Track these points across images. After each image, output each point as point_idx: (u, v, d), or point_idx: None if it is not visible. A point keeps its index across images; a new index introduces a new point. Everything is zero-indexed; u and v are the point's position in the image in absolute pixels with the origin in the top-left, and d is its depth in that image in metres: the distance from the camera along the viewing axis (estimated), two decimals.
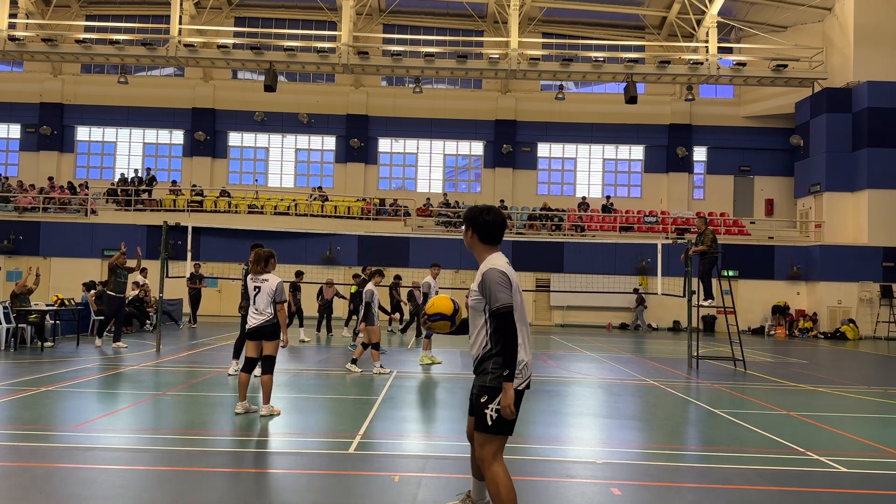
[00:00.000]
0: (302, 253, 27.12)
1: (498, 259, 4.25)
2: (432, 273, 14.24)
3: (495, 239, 4.35)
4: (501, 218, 4.37)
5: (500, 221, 4.36)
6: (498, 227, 4.35)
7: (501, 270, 4.12)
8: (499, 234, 4.36)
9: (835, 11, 29.41)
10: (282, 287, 8.29)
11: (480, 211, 4.36)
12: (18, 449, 6.55)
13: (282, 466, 6.30)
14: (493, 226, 4.32)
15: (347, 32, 28.51)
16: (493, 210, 4.37)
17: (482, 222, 4.31)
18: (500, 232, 4.36)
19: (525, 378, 4.17)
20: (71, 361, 12.75)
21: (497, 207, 4.43)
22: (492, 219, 4.32)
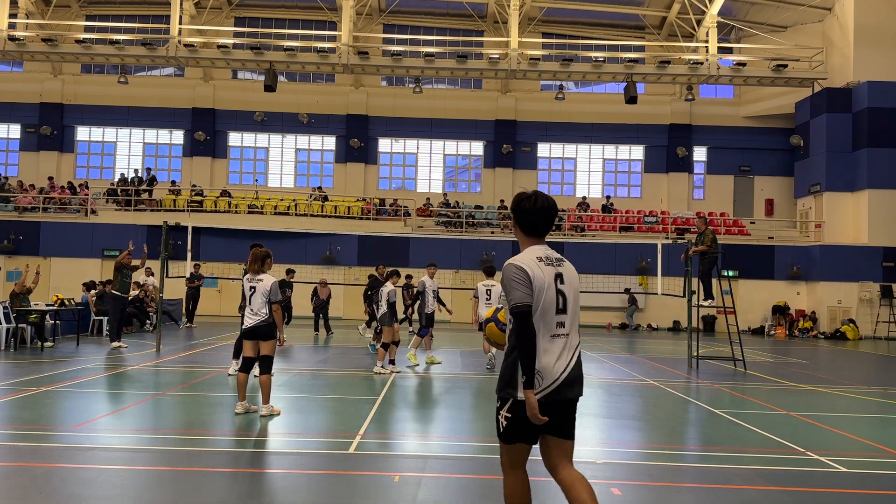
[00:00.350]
0: (302, 253, 27.12)
1: (526, 254, 3.77)
2: (429, 273, 14.24)
3: (537, 230, 3.82)
4: (546, 205, 3.81)
5: (544, 209, 3.80)
6: (539, 216, 3.80)
7: (519, 266, 3.67)
8: (541, 223, 3.81)
9: (835, 11, 29.41)
10: (276, 287, 8.30)
11: (522, 197, 3.86)
12: (18, 449, 6.55)
13: (282, 466, 6.30)
14: (533, 214, 3.80)
15: (347, 32, 28.51)
16: (537, 196, 3.83)
17: (523, 210, 3.82)
18: (542, 221, 3.81)
19: (542, 388, 3.62)
20: (71, 361, 12.75)
21: (544, 193, 3.86)
22: (532, 206, 3.80)
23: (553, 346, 3.68)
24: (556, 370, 3.65)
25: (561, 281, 3.73)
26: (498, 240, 28.63)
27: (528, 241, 3.84)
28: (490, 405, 9.60)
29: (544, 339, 3.65)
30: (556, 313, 3.68)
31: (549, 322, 3.67)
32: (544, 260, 3.73)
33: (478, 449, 7.06)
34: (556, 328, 3.69)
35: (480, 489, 5.65)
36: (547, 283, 3.67)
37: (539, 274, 3.66)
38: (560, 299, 3.70)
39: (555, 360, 3.66)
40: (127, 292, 15.76)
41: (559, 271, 3.75)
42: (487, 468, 6.31)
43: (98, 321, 18.57)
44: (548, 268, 3.71)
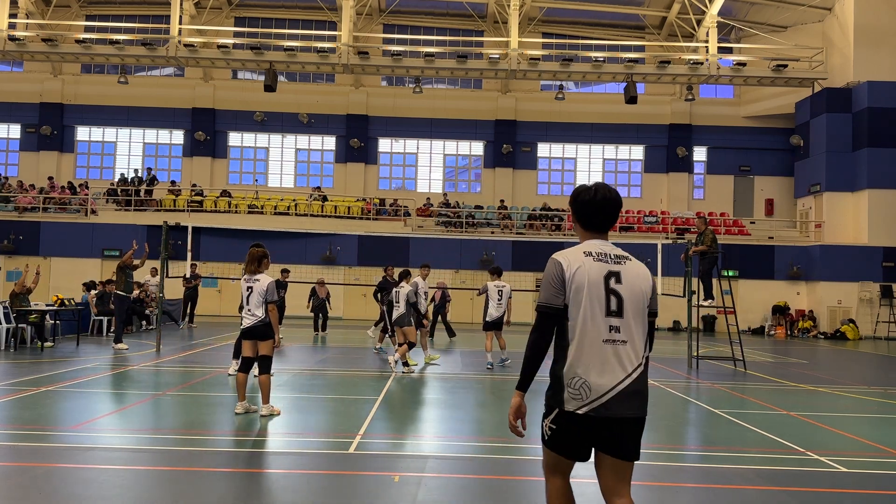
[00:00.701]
0: (302, 253, 27.13)
1: (575, 248, 3.44)
2: (422, 273, 14.21)
3: (596, 224, 3.48)
4: (607, 197, 3.46)
5: (605, 201, 3.45)
6: (596, 210, 3.45)
7: (556, 259, 3.38)
8: (600, 217, 3.46)
9: (835, 11, 29.41)
10: (273, 287, 8.29)
11: (581, 189, 3.52)
12: (18, 449, 6.55)
13: (282, 466, 6.30)
14: (591, 207, 3.45)
15: (347, 32, 28.51)
16: (597, 188, 3.48)
17: (581, 203, 3.49)
18: (601, 215, 3.46)
19: (587, 401, 3.26)
20: (71, 361, 12.75)
21: (606, 185, 3.53)
22: (592, 198, 3.45)
23: (602, 354, 3.27)
24: (605, 382, 3.25)
25: (616, 280, 3.33)
26: (498, 240, 28.63)
27: (585, 237, 3.53)
28: (490, 404, 9.61)
29: (591, 345, 3.27)
30: (607, 315, 3.29)
31: (597, 325, 3.28)
32: (595, 255, 3.38)
33: (478, 449, 7.07)
34: (609, 333, 3.28)
35: (480, 489, 5.65)
36: (591, 280, 3.30)
37: (581, 270, 3.32)
38: (612, 300, 3.30)
39: (604, 369, 3.26)
40: (130, 292, 15.77)
41: (614, 269, 3.36)
42: (487, 468, 6.31)
43: (98, 321, 18.57)
44: (597, 264, 3.35)
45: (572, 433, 3.33)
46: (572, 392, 3.27)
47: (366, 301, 27.94)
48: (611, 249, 3.45)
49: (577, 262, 3.34)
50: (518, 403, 3.49)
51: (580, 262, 3.34)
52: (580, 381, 3.27)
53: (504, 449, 7.02)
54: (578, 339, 3.27)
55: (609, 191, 3.48)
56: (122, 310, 15.40)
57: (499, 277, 13.58)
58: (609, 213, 3.47)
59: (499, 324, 13.45)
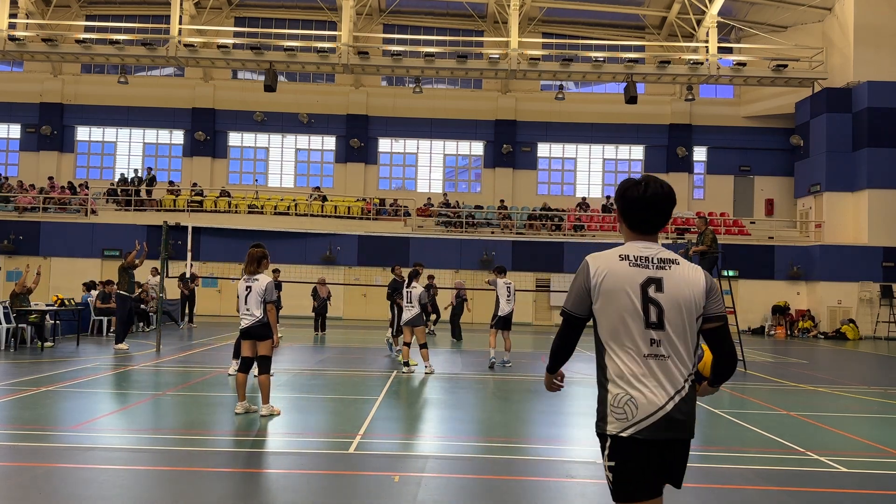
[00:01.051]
0: (302, 253, 27.14)
1: (613, 250, 3.08)
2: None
3: (645, 224, 3.08)
4: (659, 193, 3.04)
5: (656, 198, 3.04)
6: (645, 207, 3.04)
7: (586, 265, 3.04)
8: (649, 216, 3.06)
9: (835, 11, 29.41)
10: (272, 287, 8.28)
11: (629, 184, 3.10)
12: (18, 449, 6.55)
13: (282, 466, 6.30)
14: (638, 204, 3.05)
15: (347, 32, 28.51)
16: (647, 182, 3.06)
17: (628, 199, 3.08)
18: (651, 213, 3.05)
19: (633, 422, 2.91)
20: (71, 361, 12.75)
21: (657, 178, 3.11)
22: (641, 194, 3.04)
23: (645, 370, 2.92)
24: (654, 401, 2.90)
25: (657, 288, 2.95)
26: (498, 240, 28.64)
27: (630, 237, 3.13)
28: (490, 404, 9.60)
29: (632, 360, 2.93)
30: (647, 327, 2.92)
31: (634, 338, 2.93)
32: (633, 259, 3.00)
33: (478, 449, 7.06)
34: (650, 346, 2.92)
35: (480, 489, 5.65)
36: (625, 288, 2.94)
37: (611, 276, 2.96)
38: (651, 310, 2.93)
39: (647, 386, 2.91)
40: (133, 292, 15.77)
41: (655, 275, 2.97)
42: (487, 468, 6.31)
43: (98, 321, 18.57)
44: (633, 269, 2.97)
45: (639, 463, 2.93)
46: (616, 411, 2.93)
47: (366, 301, 27.96)
48: (654, 252, 3.04)
49: (609, 266, 2.98)
50: (548, 377, 3.34)
51: (612, 268, 2.98)
52: (625, 398, 2.92)
53: (504, 449, 7.02)
54: (617, 353, 2.95)
55: (660, 185, 3.06)
56: (124, 310, 15.38)
57: (504, 275, 13.69)
58: (660, 211, 3.05)
59: (509, 321, 13.53)
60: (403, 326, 12.82)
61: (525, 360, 14.77)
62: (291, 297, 24.35)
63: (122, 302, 15.34)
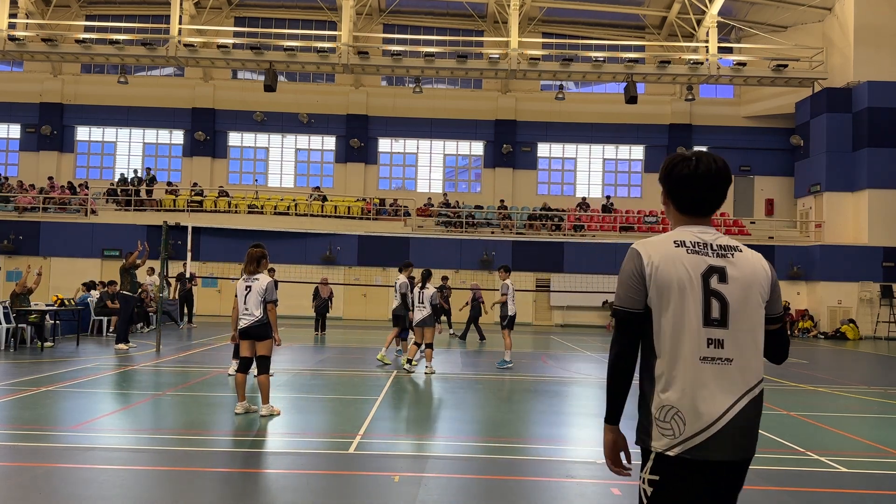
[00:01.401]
0: (302, 253, 27.14)
1: (664, 236, 2.67)
2: (405, 273, 13.87)
3: (696, 205, 2.68)
4: (711, 169, 2.64)
5: (708, 175, 2.64)
6: (698, 186, 2.65)
7: (635, 253, 2.61)
8: (702, 196, 2.66)
9: (835, 11, 29.41)
10: (272, 287, 8.27)
11: (677, 160, 2.71)
12: (18, 449, 6.55)
13: (282, 466, 6.30)
14: (688, 183, 2.65)
15: (347, 32, 28.51)
16: (698, 158, 2.66)
17: (677, 178, 2.68)
18: (704, 192, 2.65)
19: (681, 438, 2.49)
20: (71, 361, 12.75)
21: (709, 153, 2.69)
22: (693, 171, 2.64)
23: (699, 376, 2.49)
24: (708, 413, 2.47)
25: (720, 278, 2.55)
26: (498, 240, 28.64)
27: (679, 222, 2.72)
28: (490, 403, 9.60)
29: (684, 364, 2.51)
30: (706, 325, 2.51)
31: (692, 338, 2.51)
32: (691, 246, 2.59)
33: (478, 449, 7.06)
34: (708, 348, 2.50)
35: (480, 489, 5.65)
36: (683, 277, 2.53)
37: (668, 265, 2.54)
38: (714, 305, 2.53)
39: (701, 396, 2.48)
40: (136, 292, 15.78)
41: (717, 263, 2.57)
42: (487, 468, 6.31)
43: (98, 321, 18.57)
44: (692, 257, 2.56)
45: (685, 486, 2.51)
46: (661, 425, 2.51)
47: (366, 301, 27.97)
48: (713, 237, 2.64)
49: (663, 254, 2.57)
50: (612, 440, 2.69)
51: (667, 255, 2.56)
52: (671, 412, 2.50)
53: (504, 449, 7.02)
54: (667, 356, 2.53)
55: (714, 160, 2.65)
56: (126, 310, 15.37)
57: (509, 275, 13.80)
58: (715, 189, 2.64)
59: (514, 321, 13.64)
60: (414, 327, 12.77)
61: (525, 360, 14.77)
62: (291, 296, 24.37)
63: (125, 302, 15.35)
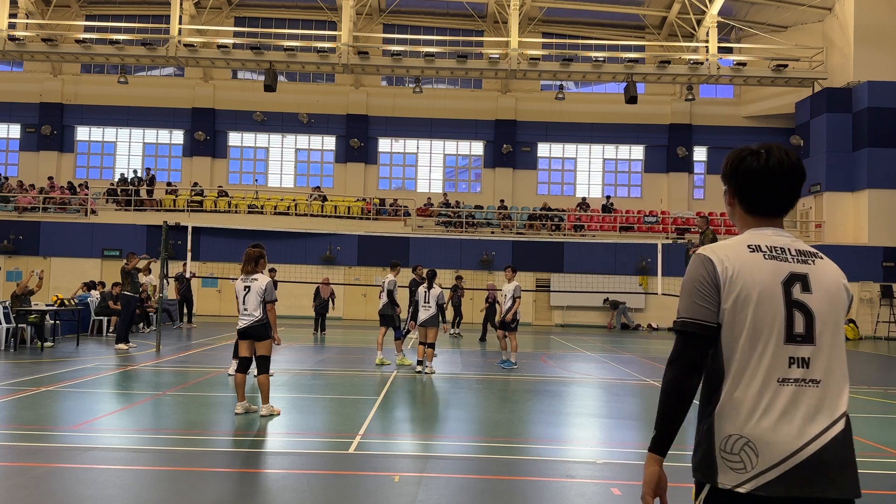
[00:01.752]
0: (302, 253, 27.13)
1: (735, 240, 2.31)
2: (394, 273, 13.83)
3: (768, 204, 2.34)
4: (783, 164, 2.30)
5: (778, 170, 2.29)
6: (770, 182, 2.30)
7: (705, 257, 2.26)
8: (774, 193, 2.31)
9: (835, 11, 29.41)
10: (271, 287, 8.28)
11: (744, 154, 2.35)
12: (18, 449, 6.55)
13: (282, 466, 6.29)
14: (759, 179, 2.31)
15: (347, 32, 28.51)
16: (769, 151, 2.32)
17: (745, 173, 2.33)
18: (773, 190, 2.31)
19: (755, 472, 2.11)
20: (71, 361, 12.75)
21: (780, 146, 2.35)
22: (763, 165, 2.30)
23: (780, 400, 2.14)
24: (786, 443, 2.10)
25: (804, 287, 2.20)
26: (498, 240, 28.63)
27: (748, 224, 2.38)
28: (490, 403, 9.60)
29: (760, 386, 2.15)
30: (788, 342, 2.16)
31: (770, 356, 2.16)
32: (767, 251, 2.25)
33: (478, 449, 7.06)
34: (789, 368, 2.15)
35: (480, 489, 5.65)
36: (762, 287, 2.18)
37: (745, 270, 2.20)
38: (797, 318, 2.18)
39: (781, 422, 2.12)
40: (138, 292, 15.79)
41: (799, 270, 2.23)
42: (487, 468, 6.31)
43: (98, 321, 18.57)
44: (771, 263, 2.23)
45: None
46: (729, 458, 2.17)
47: (366, 301, 27.96)
48: (790, 242, 2.31)
49: (738, 259, 2.23)
50: (656, 474, 2.41)
51: (743, 261, 2.22)
52: (741, 442, 2.14)
53: (504, 449, 7.02)
54: (738, 376, 2.19)
55: (785, 153, 2.32)
56: (127, 310, 15.36)
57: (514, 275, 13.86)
58: (788, 186, 2.31)
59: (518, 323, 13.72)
60: (419, 326, 12.74)
61: (525, 361, 14.77)
62: (291, 296, 24.40)
63: (127, 303, 15.36)
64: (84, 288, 19.81)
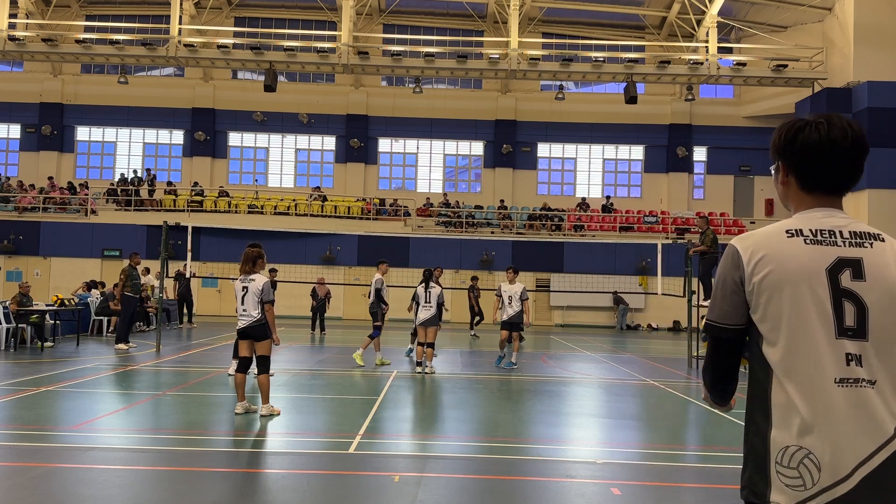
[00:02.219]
0: (302, 253, 27.13)
1: (771, 228, 2.07)
2: (381, 271, 13.69)
3: (826, 180, 2.07)
4: (846, 136, 2.03)
5: (840, 143, 2.02)
6: (827, 155, 2.03)
7: (733, 250, 2.06)
8: (830, 168, 2.05)
9: (835, 11, 29.40)
10: (269, 287, 8.30)
11: (799, 125, 2.09)
12: (18, 449, 6.55)
13: (282, 466, 6.30)
14: (816, 151, 2.05)
15: (347, 32, 28.50)
16: (829, 122, 2.05)
17: (800, 145, 2.07)
18: (831, 163, 2.04)
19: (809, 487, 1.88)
20: (71, 361, 12.75)
21: (839, 117, 2.07)
22: (824, 136, 2.03)
23: (838, 403, 1.89)
24: (846, 454, 1.86)
25: (855, 274, 1.95)
26: (498, 240, 28.63)
27: (803, 203, 2.11)
28: (490, 403, 9.60)
29: (813, 389, 1.90)
30: (840, 336, 1.92)
31: (820, 354, 1.91)
32: (809, 234, 2.01)
33: (478, 449, 7.06)
34: (846, 366, 1.90)
35: (480, 489, 5.65)
36: (801, 275, 1.95)
37: (780, 258, 1.97)
38: (847, 308, 1.93)
39: (840, 431, 1.87)
40: (138, 292, 15.78)
41: (849, 255, 1.98)
42: (487, 468, 6.31)
43: (98, 321, 18.57)
44: (812, 248, 1.98)
45: None
46: (785, 473, 1.92)
47: (366, 301, 27.92)
48: (843, 222, 2.04)
49: (769, 247, 2.00)
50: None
51: (776, 249, 1.99)
52: (799, 454, 1.90)
53: (504, 449, 7.02)
54: (787, 377, 1.94)
55: (847, 124, 2.05)
56: (127, 310, 15.36)
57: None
58: (852, 160, 2.05)
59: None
60: (419, 326, 12.70)
61: (525, 360, 14.77)
62: (291, 296, 24.39)
63: (127, 303, 15.37)
64: (84, 287, 19.81)
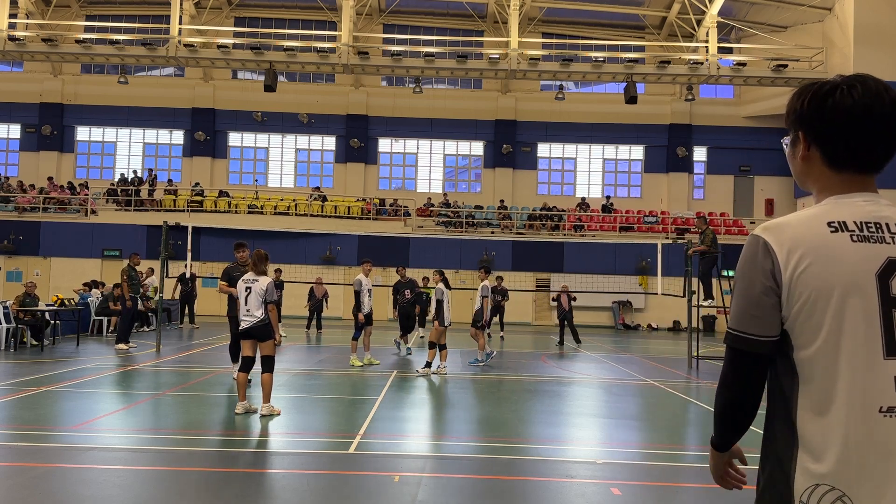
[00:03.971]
0: (302, 253, 27.13)
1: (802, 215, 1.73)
2: (364, 270, 13.55)
3: (858, 155, 1.75)
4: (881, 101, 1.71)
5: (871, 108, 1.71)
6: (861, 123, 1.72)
7: (761, 242, 1.70)
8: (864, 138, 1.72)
9: (835, 11, 29.41)
10: (272, 287, 8.32)
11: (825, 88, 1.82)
12: (18, 449, 6.55)
13: (282, 466, 6.30)
14: (845, 118, 1.74)
15: (347, 32, 28.49)
16: (860, 83, 1.75)
17: (829, 110, 1.77)
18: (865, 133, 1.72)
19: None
20: (71, 361, 12.75)
21: (871, 78, 1.77)
22: (852, 103, 1.73)
23: (881, 436, 1.59)
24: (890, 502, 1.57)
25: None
26: (498, 240, 28.63)
27: (830, 184, 1.79)
28: (490, 403, 9.59)
29: (855, 418, 1.60)
30: (890, 355, 1.61)
31: (868, 377, 1.60)
32: (857, 229, 1.67)
33: (478, 449, 7.06)
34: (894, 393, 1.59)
35: (480, 489, 5.65)
36: (848, 282, 1.62)
37: (823, 262, 1.64)
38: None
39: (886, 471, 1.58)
40: (138, 292, 15.79)
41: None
42: (487, 468, 6.31)
43: (98, 321, 18.57)
44: (861, 247, 1.65)
45: None
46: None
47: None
48: (889, 212, 1.71)
49: (813, 244, 1.65)
50: (716, 460, 2.13)
51: (820, 246, 1.65)
52: (831, 495, 1.60)
53: (504, 449, 7.02)
54: (822, 402, 1.64)
55: (885, 88, 1.73)
56: (129, 310, 15.35)
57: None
58: (890, 129, 1.72)
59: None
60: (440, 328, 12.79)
61: (524, 360, 14.77)
62: (291, 296, 24.31)
63: (132, 303, 15.36)
64: (85, 287, 19.81)
